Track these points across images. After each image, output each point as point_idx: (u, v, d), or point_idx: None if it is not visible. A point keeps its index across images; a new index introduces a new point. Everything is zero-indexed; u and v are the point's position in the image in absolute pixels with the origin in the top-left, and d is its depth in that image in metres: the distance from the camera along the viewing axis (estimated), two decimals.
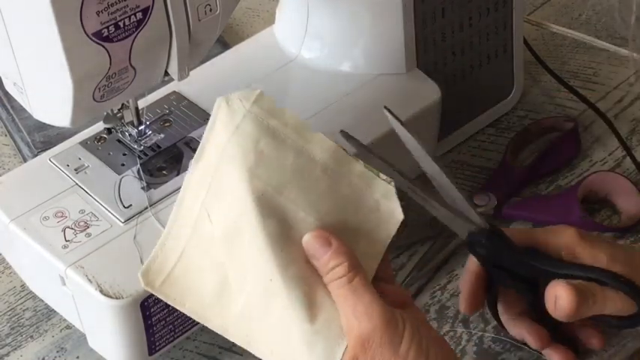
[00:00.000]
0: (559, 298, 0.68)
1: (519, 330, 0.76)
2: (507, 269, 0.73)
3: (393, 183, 0.68)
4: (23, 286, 0.86)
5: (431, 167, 0.75)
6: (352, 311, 0.63)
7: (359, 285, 0.64)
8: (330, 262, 0.64)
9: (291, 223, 0.65)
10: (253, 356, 0.81)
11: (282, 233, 0.65)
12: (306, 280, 0.64)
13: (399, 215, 0.68)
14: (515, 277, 0.73)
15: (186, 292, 0.67)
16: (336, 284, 0.64)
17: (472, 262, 0.75)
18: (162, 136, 0.83)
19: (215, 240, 0.66)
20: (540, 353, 0.77)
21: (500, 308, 0.76)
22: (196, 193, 0.67)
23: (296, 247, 0.65)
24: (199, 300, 0.67)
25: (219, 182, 0.66)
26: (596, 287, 0.69)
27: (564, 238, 0.72)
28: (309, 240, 0.65)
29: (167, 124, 0.84)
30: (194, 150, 0.82)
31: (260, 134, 0.66)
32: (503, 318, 0.77)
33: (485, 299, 0.76)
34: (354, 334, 0.63)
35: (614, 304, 0.69)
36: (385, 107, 0.76)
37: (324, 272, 0.65)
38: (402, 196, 0.70)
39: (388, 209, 0.68)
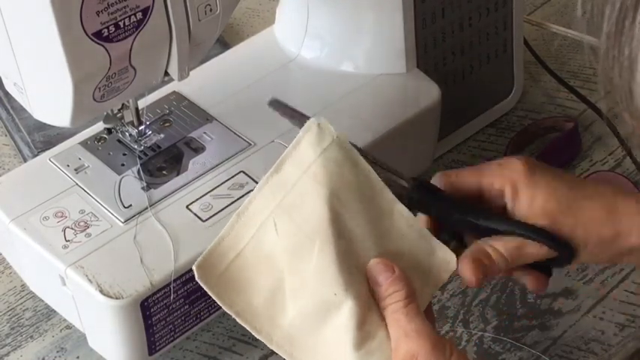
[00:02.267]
0: (462, 276, 0.70)
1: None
2: (445, 218, 0.73)
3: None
4: (23, 286, 0.86)
5: None
6: (403, 332, 0.65)
7: (411, 310, 0.66)
8: (390, 288, 0.66)
9: (358, 249, 0.67)
10: (254, 357, 0.81)
11: (351, 256, 0.67)
12: (365, 303, 0.66)
13: (452, 265, 0.70)
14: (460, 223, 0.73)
15: (235, 294, 0.68)
16: (392, 308, 0.66)
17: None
18: (162, 136, 0.83)
19: (276, 249, 0.67)
20: (540, 354, 0.77)
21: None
22: (267, 201, 0.68)
23: (359, 271, 0.67)
24: (248, 305, 0.68)
25: (296, 196, 0.68)
26: (509, 247, 0.70)
27: (512, 173, 0.72)
28: (374, 265, 0.67)
29: (167, 124, 0.84)
30: (194, 150, 0.82)
31: (344, 161, 0.68)
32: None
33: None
34: (402, 351, 0.65)
35: (536, 255, 0.71)
36: (271, 101, 0.73)
37: (384, 297, 0.67)
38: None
39: (444, 256, 0.70)
